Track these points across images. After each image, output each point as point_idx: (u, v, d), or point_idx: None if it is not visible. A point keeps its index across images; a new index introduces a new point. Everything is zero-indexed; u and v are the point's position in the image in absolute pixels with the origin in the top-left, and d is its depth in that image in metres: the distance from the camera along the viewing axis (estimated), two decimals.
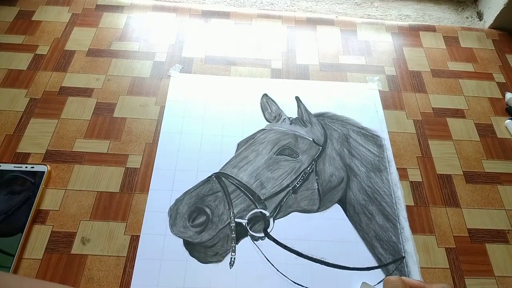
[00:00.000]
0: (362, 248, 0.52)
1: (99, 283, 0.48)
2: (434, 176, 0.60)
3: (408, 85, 0.70)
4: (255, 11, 0.78)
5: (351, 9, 0.83)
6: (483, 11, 0.83)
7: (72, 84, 0.65)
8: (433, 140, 0.63)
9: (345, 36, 0.76)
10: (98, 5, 0.76)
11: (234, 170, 0.56)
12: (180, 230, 0.51)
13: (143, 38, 0.72)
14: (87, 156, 0.57)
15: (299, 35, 0.75)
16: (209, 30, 0.74)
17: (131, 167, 0.57)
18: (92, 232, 0.51)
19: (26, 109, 0.61)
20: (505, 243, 0.54)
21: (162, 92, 0.65)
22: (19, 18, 0.72)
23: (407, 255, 0.52)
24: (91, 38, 0.71)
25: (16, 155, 0.56)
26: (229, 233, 0.51)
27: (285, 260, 0.51)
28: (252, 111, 0.64)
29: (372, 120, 0.64)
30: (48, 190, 0.54)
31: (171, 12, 0.76)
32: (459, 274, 0.51)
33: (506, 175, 0.60)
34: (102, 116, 0.61)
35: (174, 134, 0.60)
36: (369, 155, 0.60)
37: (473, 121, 0.66)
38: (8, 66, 0.66)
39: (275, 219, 0.54)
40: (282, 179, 0.56)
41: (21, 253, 0.49)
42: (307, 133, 0.61)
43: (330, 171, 0.58)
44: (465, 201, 0.58)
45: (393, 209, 0.56)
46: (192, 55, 0.70)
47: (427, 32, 0.78)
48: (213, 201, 0.53)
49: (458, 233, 0.55)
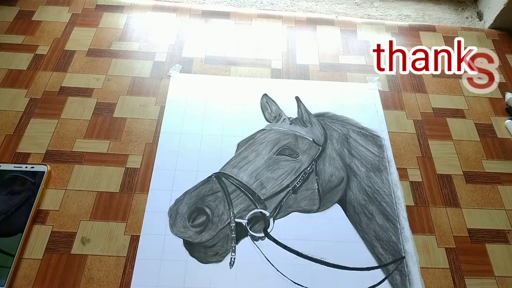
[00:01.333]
0: (362, 248, 0.52)
1: (99, 283, 0.48)
2: (434, 176, 0.60)
3: (408, 85, 0.70)
4: (255, 11, 0.78)
5: (351, 9, 0.83)
6: (483, 11, 0.83)
7: (72, 84, 0.65)
8: (433, 140, 0.63)
9: (345, 36, 0.76)
10: (98, 5, 0.76)
11: (234, 170, 0.56)
12: (180, 230, 0.51)
13: (143, 38, 0.72)
14: (87, 156, 0.57)
15: (299, 35, 0.75)
16: (209, 30, 0.74)
17: (131, 167, 0.57)
18: (92, 232, 0.51)
19: (26, 109, 0.61)
20: (505, 243, 0.54)
21: (162, 92, 0.65)
22: (19, 18, 0.72)
23: (407, 255, 0.52)
24: (91, 38, 0.71)
25: (16, 155, 0.57)
26: (229, 233, 0.51)
27: (285, 260, 0.51)
28: (252, 111, 0.64)
29: (372, 120, 0.64)
30: (48, 190, 0.54)
31: (171, 12, 0.76)
32: (459, 274, 0.51)
33: (506, 175, 0.60)
34: (102, 116, 0.61)
35: (174, 134, 0.60)
36: (369, 155, 0.60)
37: (473, 121, 0.66)
38: (8, 66, 0.66)
39: (275, 219, 0.54)
40: (282, 179, 0.56)
41: (21, 253, 0.49)
42: (307, 133, 0.61)
43: (330, 171, 0.58)
44: (465, 201, 0.58)
45: (393, 209, 0.56)
46: (192, 55, 0.70)
47: (427, 32, 0.78)
48: (213, 201, 0.53)
49: (458, 233, 0.55)
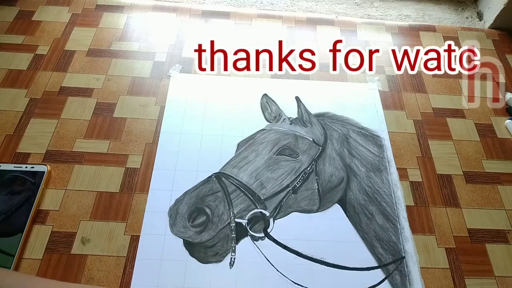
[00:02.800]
0: (362, 248, 0.52)
1: (99, 283, 0.47)
2: (434, 176, 0.60)
3: (408, 85, 0.70)
4: (255, 11, 0.78)
5: (351, 9, 0.83)
6: (483, 11, 0.83)
7: (72, 84, 0.65)
8: (433, 140, 0.63)
9: (345, 36, 0.76)
10: (98, 5, 0.76)
11: (234, 170, 0.56)
12: (180, 230, 0.51)
13: (143, 38, 0.72)
14: (87, 156, 0.57)
15: (299, 35, 0.75)
16: (209, 30, 0.74)
17: (131, 167, 0.57)
18: (92, 232, 0.51)
19: (26, 109, 0.61)
20: (505, 243, 0.54)
21: (162, 92, 0.65)
22: (19, 18, 0.72)
23: (407, 255, 0.52)
24: (91, 38, 0.71)
25: (16, 155, 0.56)
26: (229, 233, 0.51)
27: (285, 260, 0.51)
28: (252, 111, 0.64)
29: (372, 120, 0.64)
30: (48, 190, 0.54)
31: (171, 12, 0.76)
32: (459, 274, 0.51)
33: (506, 175, 0.60)
34: (102, 116, 0.61)
35: (174, 134, 0.60)
36: (369, 155, 0.60)
37: (473, 121, 0.66)
38: (8, 66, 0.66)
39: (275, 219, 0.54)
40: (282, 179, 0.56)
41: (21, 253, 0.48)
42: (307, 133, 0.61)
43: (330, 171, 0.58)
44: (465, 201, 0.58)
45: (393, 209, 0.56)
46: (192, 55, 0.70)
47: (427, 32, 0.78)
48: (213, 201, 0.53)
49: (458, 233, 0.55)
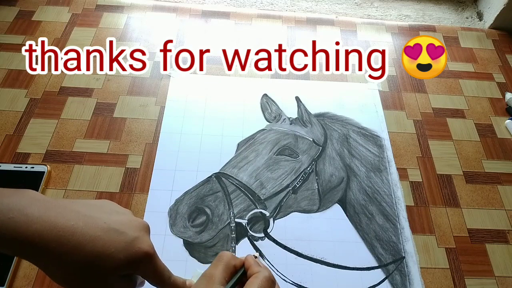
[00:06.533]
0: (362, 248, 0.52)
1: None
2: (434, 176, 0.60)
3: (408, 85, 0.70)
4: (255, 11, 0.78)
5: (351, 9, 0.83)
6: (483, 11, 0.83)
7: (72, 84, 0.65)
8: (433, 140, 0.63)
9: (345, 36, 0.76)
10: (98, 5, 0.76)
11: (234, 170, 0.56)
12: (180, 230, 0.51)
13: (143, 38, 0.72)
14: (87, 156, 0.57)
15: (299, 35, 0.75)
16: (209, 30, 0.74)
17: (131, 167, 0.57)
18: None
19: (26, 109, 0.61)
20: (505, 243, 0.54)
21: (162, 92, 0.65)
22: (19, 18, 0.72)
23: (407, 255, 0.52)
24: (91, 38, 0.71)
25: (16, 155, 0.56)
26: (229, 233, 0.51)
27: (285, 260, 0.51)
28: (252, 111, 0.64)
29: (372, 120, 0.64)
30: (48, 190, 0.54)
31: (171, 12, 0.76)
32: (459, 274, 0.51)
33: (506, 175, 0.60)
34: (102, 116, 0.61)
35: (174, 134, 0.60)
36: (369, 155, 0.60)
37: (473, 121, 0.66)
38: (8, 66, 0.66)
39: (275, 219, 0.54)
40: (282, 179, 0.56)
41: None
42: (307, 133, 0.61)
43: (330, 171, 0.58)
44: (465, 201, 0.58)
45: (393, 209, 0.56)
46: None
47: (427, 32, 0.78)
48: (213, 201, 0.53)
49: (458, 233, 0.55)
